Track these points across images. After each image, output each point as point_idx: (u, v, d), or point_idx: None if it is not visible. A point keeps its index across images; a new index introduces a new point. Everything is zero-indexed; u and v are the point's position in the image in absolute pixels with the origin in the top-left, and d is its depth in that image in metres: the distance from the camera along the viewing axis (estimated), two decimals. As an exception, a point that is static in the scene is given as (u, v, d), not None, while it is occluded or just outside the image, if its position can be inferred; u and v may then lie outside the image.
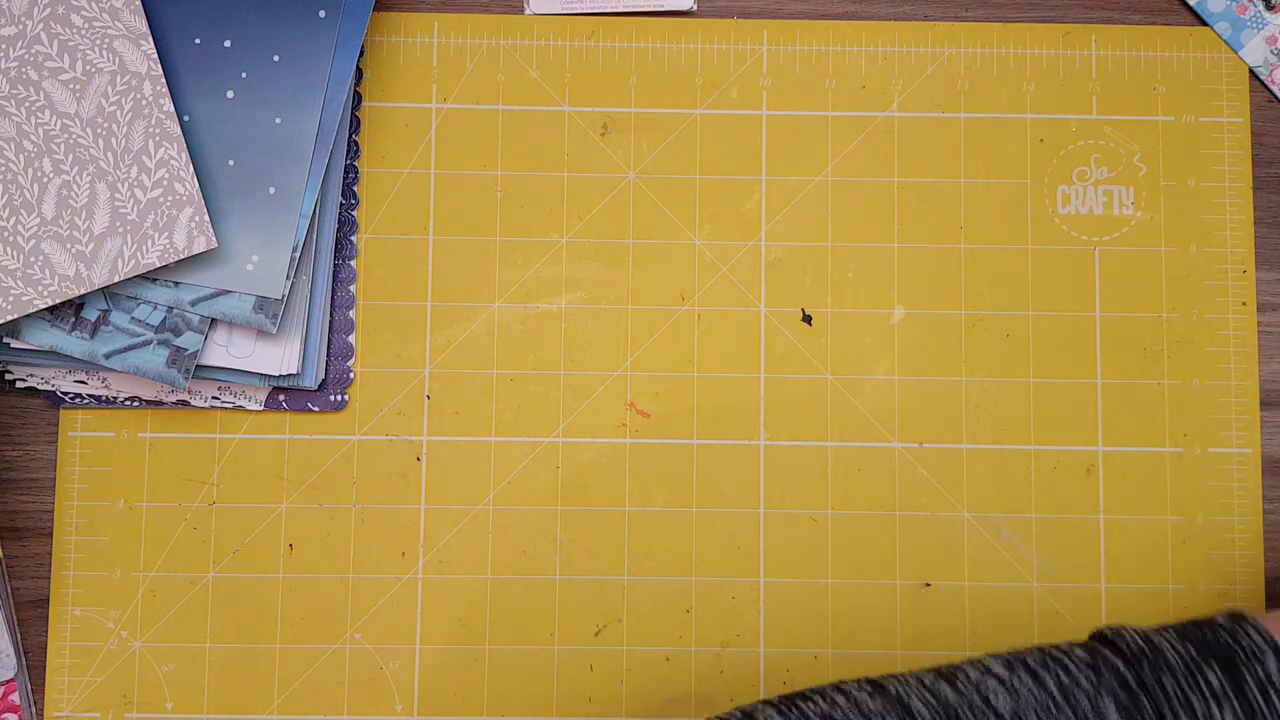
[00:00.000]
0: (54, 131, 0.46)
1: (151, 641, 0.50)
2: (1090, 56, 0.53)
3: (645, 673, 0.50)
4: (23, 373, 0.50)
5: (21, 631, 0.50)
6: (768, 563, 0.51)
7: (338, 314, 0.51)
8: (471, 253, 0.52)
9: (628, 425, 0.51)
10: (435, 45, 0.52)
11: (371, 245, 0.52)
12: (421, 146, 0.52)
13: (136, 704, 0.50)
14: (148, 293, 0.48)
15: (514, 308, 0.52)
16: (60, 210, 0.46)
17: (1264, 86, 0.53)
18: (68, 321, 0.48)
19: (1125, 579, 0.51)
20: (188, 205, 0.47)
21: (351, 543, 0.51)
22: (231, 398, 0.50)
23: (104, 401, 0.50)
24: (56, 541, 0.50)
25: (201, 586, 0.50)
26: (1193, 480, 0.51)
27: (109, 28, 0.47)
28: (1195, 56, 0.53)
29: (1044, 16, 0.53)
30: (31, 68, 0.46)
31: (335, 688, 0.50)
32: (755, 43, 0.53)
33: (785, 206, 0.52)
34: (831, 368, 0.52)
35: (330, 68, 0.49)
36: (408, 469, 0.51)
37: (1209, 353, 0.52)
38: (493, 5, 0.53)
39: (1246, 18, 0.53)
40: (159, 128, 0.47)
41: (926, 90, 0.53)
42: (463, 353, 0.51)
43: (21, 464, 0.51)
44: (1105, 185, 0.53)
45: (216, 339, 0.49)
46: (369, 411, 0.51)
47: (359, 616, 0.50)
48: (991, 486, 0.51)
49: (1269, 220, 0.53)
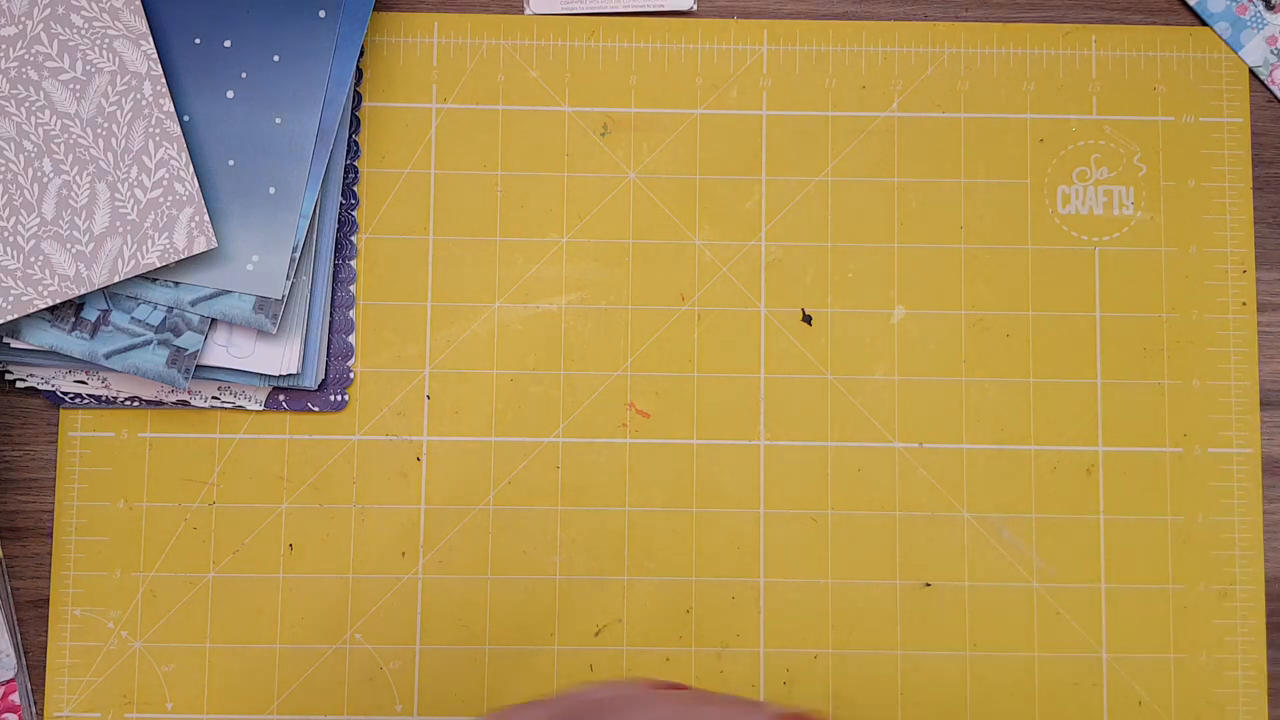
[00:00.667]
0: (54, 131, 0.46)
1: (151, 641, 0.50)
2: (1090, 56, 0.53)
3: (645, 673, 0.50)
4: (23, 373, 0.50)
5: (21, 631, 0.50)
6: (768, 563, 0.51)
7: (338, 314, 0.51)
8: (471, 253, 0.52)
9: (628, 425, 0.51)
10: (435, 45, 0.52)
11: (371, 245, 0.52)
12: (421, 146, 0.52)
13: (136, 704, 0.50)
14: (148, 293, 0.48)
15: (514, 308, 0.52)
16: (60, 210, 0.46)
17: (1264, 86, 0.53)
18: (68, 321, 0.48)
19: (1125, 579, 0.51)
20: (188, 205, 0.47)
21: (351, 543, 0.51)
22: (231, 398, 0.50)
23: (104, 401, 0.50)
24: (56, 541, 0.50)
25: (201, 586, 0.50)
26: (1193, 480, 0.51)
27: (109, 28, 0.47)
28: (1195, 56, 0.53)
29: (1044, 16, 0.53)
30: (31, 68, 0.46)
31: (335, 688, 0.50)
32: (755, 43, 0.53)
33: (785, 206, 0.52)
34: (831, 368, 0.52)
35: (330, 68, 0.49)
36: (408, 469, 0.51)
37: (1209, 353, 0.52)
38: (493, 5, 0.53)
39: (1246, 18, 0.53)
40: (159, 128, 0.47)
41: (926, 90, 0.53)
42: (463, 353, 0.51)
43: (21, 464, 0.51)
44: (1105, 185, 0.53)
45: (216, 339, 0.49)
46: (369, 411, 0.51)
47: (359, 616, 0.50)
48: (991, 486, 0.51)
49: (1269, 220, 0.53)
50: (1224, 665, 0.51)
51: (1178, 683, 0.51)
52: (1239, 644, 0.51)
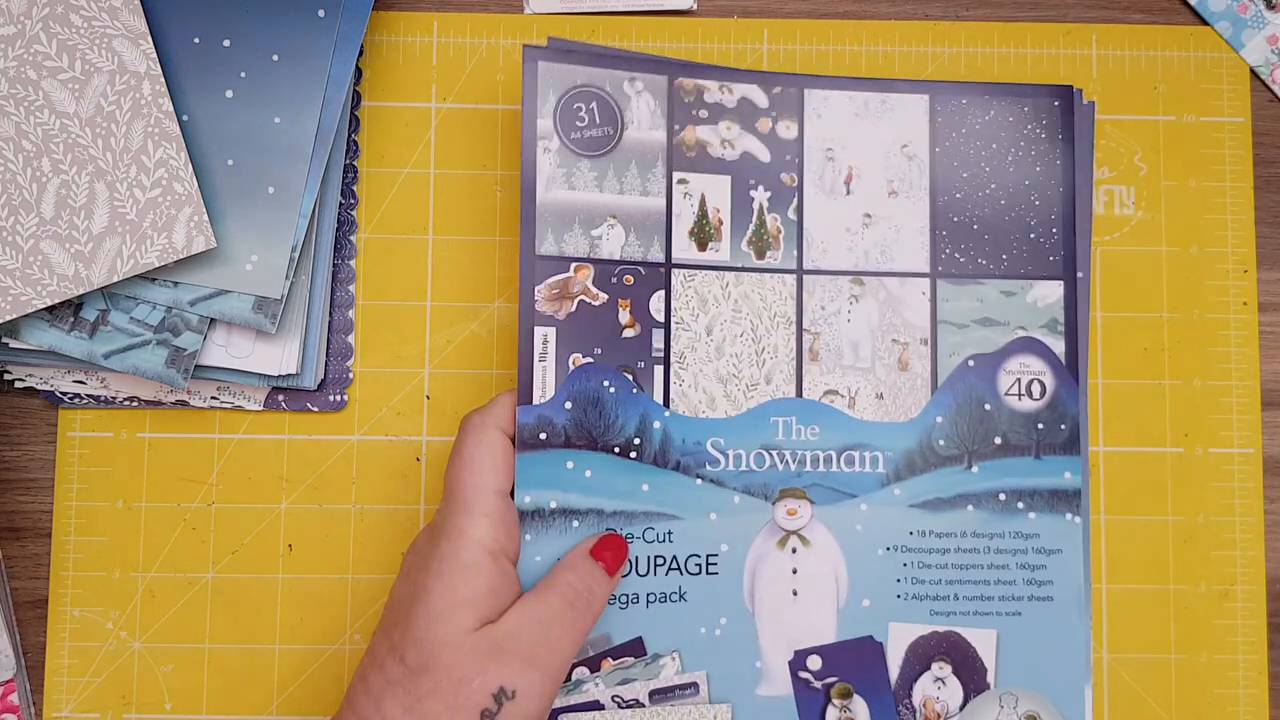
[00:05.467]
0: (53, 131, 0.46)
1: (150, 642, 0.50)
2: (1091, 56, 0.53)
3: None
4: (21, 373, 0.50)
5: (20, 632, 0.50)
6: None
7: (337, 314, 0.51)
8: (471, 253, 0.52)
9: (627, 425, 0.51)
10: (435, 44, 0.52)
11: (371, 245, 0.52)
12: (421, 146, 0.52)
13: (135, 704, 0.50)
14: (147, 292, 0.48)
15: (514, 308, 0.52)
16: (59, 210, 0.46)
17: (1265, 86, 0.53)
18: (66, 321, 0.47)
19: (1125, 579, 0.51)
20: (187, 205, 0.47)
21: (351, 543, 0.51)
22: (230, 398, 0.50)
23: (103, 401, 0.50)
24: (55, 542, 0.50)
25: (200, 587, 0.50)
26: (1193, 480, 0.51)
27: (108, 27, 0.47)
28: (1196, 56, 0.53)
29: (1044, 16, 0.53)
30: (30, 67, 0.46)
31: (334, 688, 0.50)
32: (755, 42, 0.53)
33: (785, 206, 0.52)
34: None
35: (329, 67, 0.49)
36: (407, 469, 0.51)
37: (1210, 353, 0.52)
38: (492, 4, 0.53)
39: (1247, 17, 0.53)
40: (158, 127, 0.47)
41: (927, 90, 0.53)
42: (462, 353, 0.51)
43: (20, 464, 0.51)
44: (1106, 185, 0.53)
45: (215, 339, 0.49)
46: (368, 411, 0.51)
47: (358, 617, 0.50)
48: (992, 487, 0.51)
49: (1270, 220, 0.53)
50: (1225, 665, 0.51)
51: (1178, 683, 0.50)
52: (1240, 644, 0.51)
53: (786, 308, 0.47)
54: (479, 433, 0.43)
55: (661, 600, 0.45)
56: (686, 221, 0.46)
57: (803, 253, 0.47)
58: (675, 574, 0.45)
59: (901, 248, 0.48)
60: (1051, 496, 0.47)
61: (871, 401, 0.47)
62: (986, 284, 0.48)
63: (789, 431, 0.46)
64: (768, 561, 0.46)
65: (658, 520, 0.45)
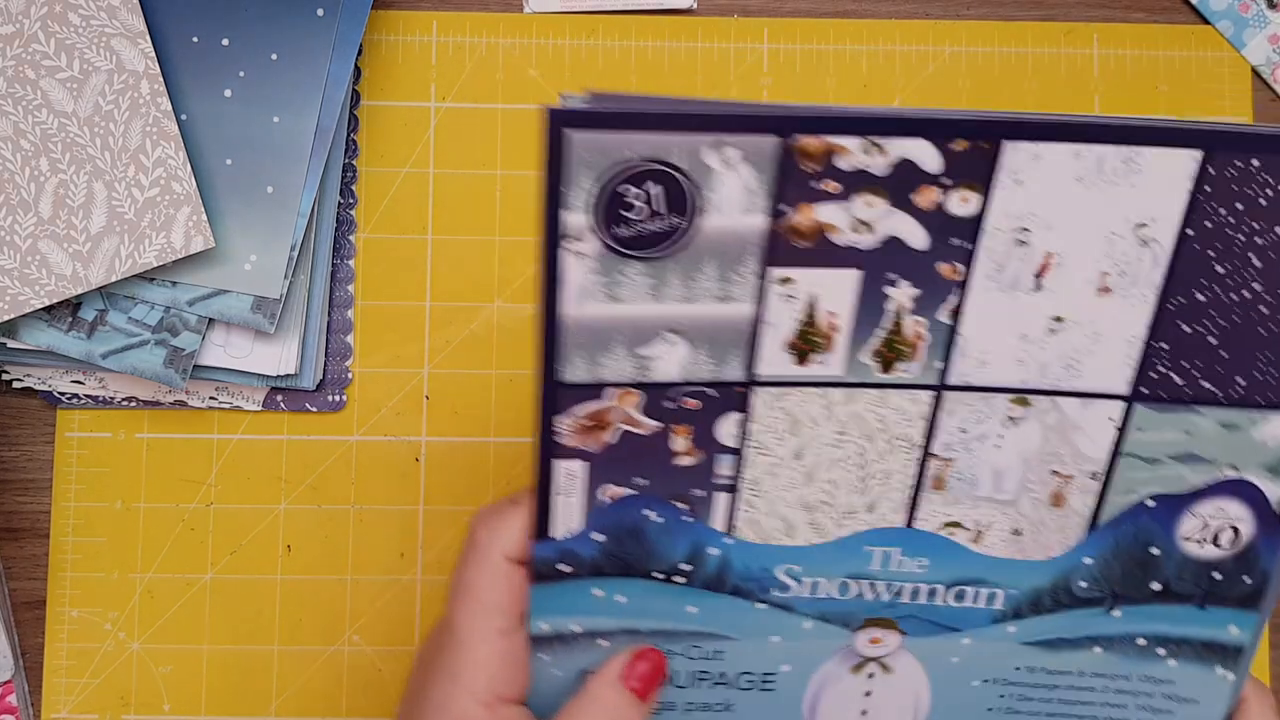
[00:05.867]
0: (51, 130, 0.46)
1: (149, 643, 0.50)
2: (1092, 55, 0.53)
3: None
4: (19, 373, 0.49)
5: (19, 633, 0.50)
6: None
7: (336, 314, 0.51)
8: (471, 252, 0.52)
9: (627, 425, 0.51)
10: (434, 43, 0.52)
11: (370, 245, 0.51)
12: (420, 145, 0.52)
13: (134, 705, 0.50)
14: (145, 292, 0.48)
15: (513, 308, 0.51)
16: (57, 209, 0.46)
17: (1266, 85, 0.53)
18: (65, 321, 0.47)
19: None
20: (185, 204, 0.47)
21: (350, 543, 0.50)
22: (229, 398, 0.50)
23: (101, 402, 0.50)
24: (53, 542, 0.50)
25: (199, 587, 0.50)
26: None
27: (106, 26, 0.46)
28: (1197, 55, 0.53)
29: (1045, 15, 0.53)
30: (29, 66, 0.46)
31: (333, 689, 0.50)
32: (755, 41, 0.53)
33: (785, 206, 0.52)
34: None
35: (328, 66, 0.48)
36: (406, 469, 0.51)
37: (1212, 353, 0.51)
38: (492, 3, 0.53)
39: (1249, 16, 0.53)
40: (156, 126, 0.47)
41: (927, 89, 0.52)
42: (462, 353, 0.51)
43: (18, 464, 0.51)
44: (1107, 184, 0.52)
45: (214, 339, 0.49)
46: (367, 412, 0.51)
47: (357, 618, 0.50)
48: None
49: (1271, 219, 0.53)
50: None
51: (1180, 684, 0.50)
52: (1242, 645, 0.50)
53: (911, 430, 0.36)
54: (484, 561, 0.35)
55: (703, 710, 0.38)
56: (784, 331, 0.34)
57: (950, 365, 0.35)
58: (722, 688, 0.38)
59: (1096, 362, 0.35)
60: (1203, 648, 0.38)
61: (1004, 538, 0.37)
62: (1204, 413, 0.36)
63: (887, 562, 0.37)
64: (838, 685, 0.39)
65: (705, 640, 0.37)
